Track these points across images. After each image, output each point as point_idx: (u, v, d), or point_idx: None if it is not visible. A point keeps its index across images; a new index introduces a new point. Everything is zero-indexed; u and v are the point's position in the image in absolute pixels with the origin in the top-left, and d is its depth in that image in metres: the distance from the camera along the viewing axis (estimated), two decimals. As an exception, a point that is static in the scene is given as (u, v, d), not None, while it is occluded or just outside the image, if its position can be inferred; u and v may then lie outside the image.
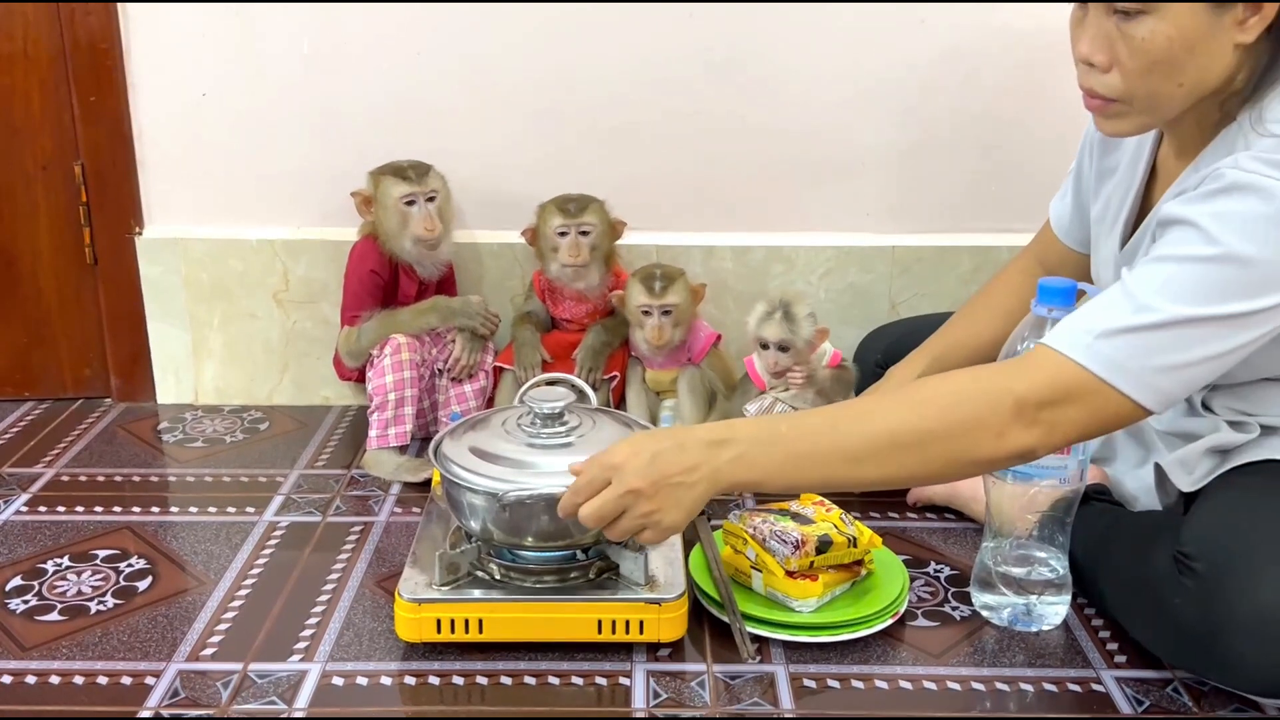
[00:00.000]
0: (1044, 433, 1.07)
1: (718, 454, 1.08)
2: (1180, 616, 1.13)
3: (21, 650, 1.24)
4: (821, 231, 1.87)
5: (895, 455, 1.08)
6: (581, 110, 1.81)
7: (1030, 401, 1.05)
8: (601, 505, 1.09)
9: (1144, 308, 1.05)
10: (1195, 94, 1.12)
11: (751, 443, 1.09)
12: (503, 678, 1.20)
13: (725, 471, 1.09)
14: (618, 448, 1.10)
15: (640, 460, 1.08)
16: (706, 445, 1.08)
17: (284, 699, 1.16)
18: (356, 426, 1.83)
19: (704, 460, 1.08)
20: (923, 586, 1.38)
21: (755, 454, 1.08)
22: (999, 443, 1.06)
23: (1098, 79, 1.14)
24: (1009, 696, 1.18)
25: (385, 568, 1.41)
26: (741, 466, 1.08)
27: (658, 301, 1.65)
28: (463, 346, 1.73)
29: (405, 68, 1.78)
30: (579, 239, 1.69)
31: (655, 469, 1.08)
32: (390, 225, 1.69)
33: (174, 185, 1.85)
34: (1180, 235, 1.08)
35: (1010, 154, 1.83)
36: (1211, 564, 1.10)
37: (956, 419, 1.07)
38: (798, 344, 1.57)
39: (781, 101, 1.80)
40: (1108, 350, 1.05)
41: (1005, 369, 1.11)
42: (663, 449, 1.08)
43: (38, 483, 1.64)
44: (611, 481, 1.09)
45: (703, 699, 1.17)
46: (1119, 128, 1.18)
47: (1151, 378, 1.05)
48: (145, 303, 1.88)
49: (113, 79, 1.78)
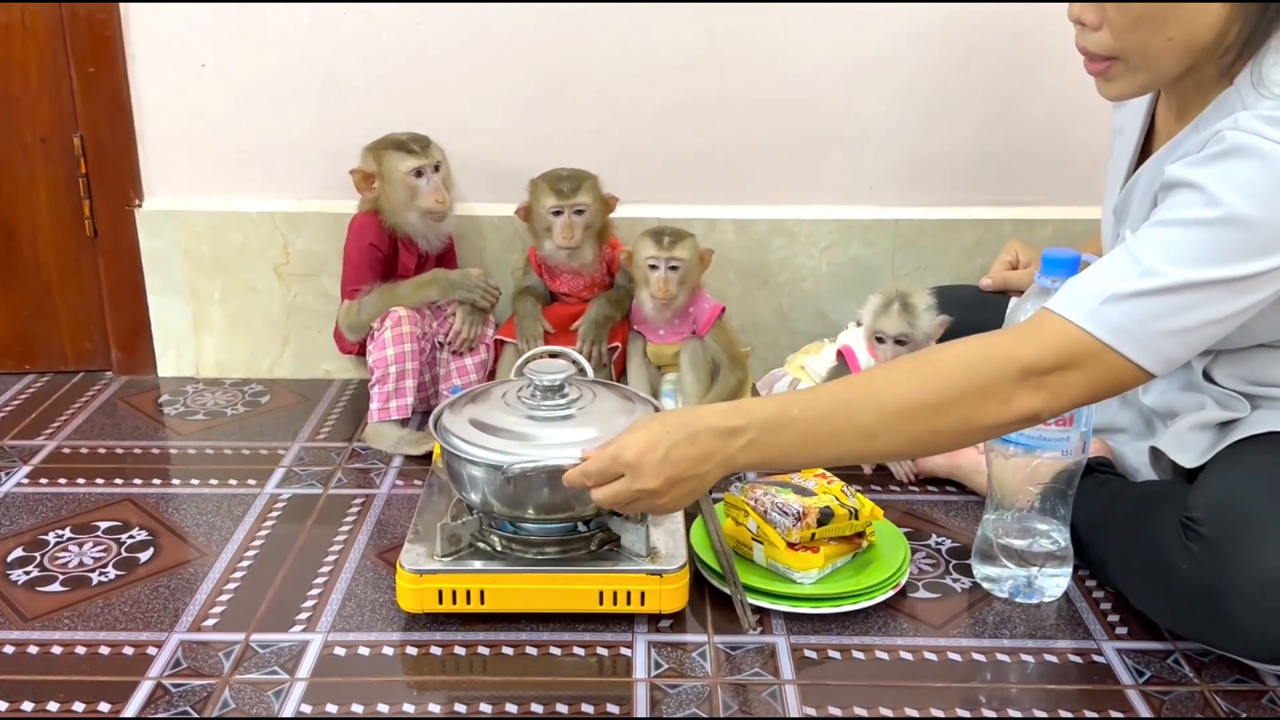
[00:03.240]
0: (1049, 397, 1.07)
1: (730, 442, 1.08)
2: (1185, 582, 1.13)
3: (24, 621, 1.25)
4: (824, 205, 1.86)
5: (907, 428, 1.08)
6: (583, 81, 1.80)
7: (1036, 367, 1.06)
8: (614, 496, 1.10)
9: (1148, 272, 1.05)
10: (1187, 49, 1.12)
11: (763, 428, 1.08)
12: (504, 648, 1.20)
13: (738, 458, 1.09)
14: (631, 442, 1.09)
15: (653, 458, 1.07)
16: (718, 434, 1.08)
17: (286, 669, 1.17)
18: (357, 400, 1.83)
19: (716, 449, 1.08)
20: (924, 558, 1.38)
21: (768, 439, 1.08)
22: (1005, 409, 1.07)
23: (1090, 38, 1.15)
24: (1010, 667, 1.18)
25: (387, 540, 1.42)
26: (754, 452, 1.08)
27: (666, 254, 1.64)
28: (463, 319, 1.72)
29: (405, 39, 1.77)
30: (573, 219, 1.68)
31: (668, 466, 1.07)
32: (397, 199, 1.68)
33: (174, 157, 1.84)
34: (1183, 198, 1.08)
35: (1014, 126, 1.82)
36: (1218, 529, 1.11)
37: (965, 387, 1.07)
38: (917, 337, 1.51)
39: (784, 73, 1.79)
40: (1113, 315, 1.05)
41: (1010, 336, 1.11)
42: (675, 442, 1.08)
43: (39, 455, 1.64)
44: (624, 476, 1.09)
45: (704, 669, 1.17)
46: (1119, 89, 1.18)
47: (1156, 342, 1.05)
48: (145, 275, 1.87)
49: (111, 50, 1.77)
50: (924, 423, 1.08)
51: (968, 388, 1.07)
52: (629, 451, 1.08)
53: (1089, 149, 1.77)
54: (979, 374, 1.07)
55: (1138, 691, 1.15)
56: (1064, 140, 1.82)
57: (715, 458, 1.08)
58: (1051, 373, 1.06)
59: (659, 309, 1.68)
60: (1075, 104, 1.79)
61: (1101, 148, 1.40)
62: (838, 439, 1.10)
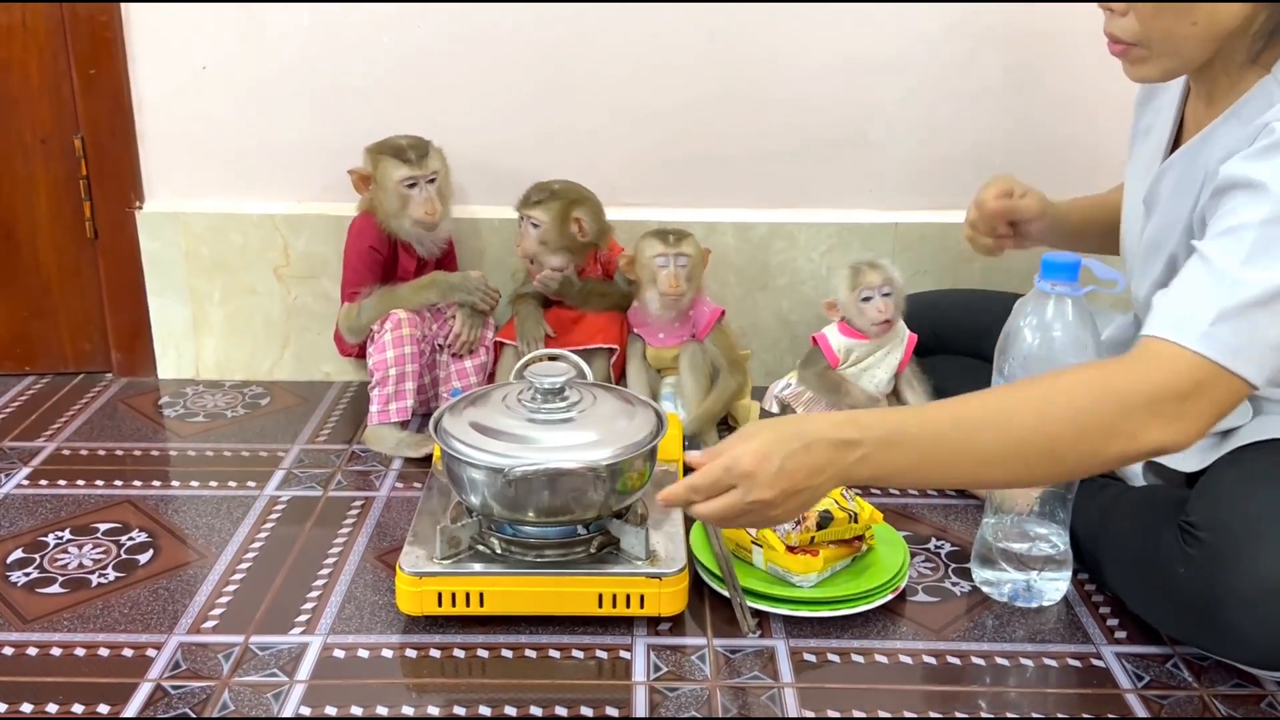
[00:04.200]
0: (1182, 427, 1.04)
1: (845, 455, 1.05)
2: (1184, 588, 1.13)
3: (23, 622, 1.25)
4: (823, 208, 1.86)
5: (1026, 461, 1.06)
6: (583, 83, 1.80)
7: (1162, 399, 1.03)
8: (725, 509, 1.06)
9: (1237, 283, 1.03)
10: (1212, 35, 1.12)
11: (880, 444, 1.05)
12: (503, 651, 1.20)
13: (851, 472, 1.06)
14: (744, 452, 1.05)
15: (770, 468, 1.04)
16: (834, 446, 1.05)
17: (285, 671, 1.17)
18: (357, 402, 1.83)
19: (831, 462, 1.05)
20: (923, 562, 1.38)
21: (883, 456, 1.05)
22: (1133, 443, 1.04)
23: (1116, 23, 1.16)
24: (1008, 671, 1.18)
25: (386, 542, 1.42)
26: (868, 467, 1.05)
27: (673, 250, 1.65)
28: (463, 322, 1.72)
29: (405, 41, 1.77)
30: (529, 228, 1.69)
31: (784, 477, 1.04)
32: (390, 206, 1.68)
33: (174, 159, 1.84)
34: (1246, 199, 1.06)
35: (1014, 130, 1.82)
36: (1217, 534, 1.11)
37: (1089, 424, 1.04)
38: (898, 282, 1.59)
39: (784, 76, 1.79)
40: (1224, 335, 1.02)
41: (1124, 369, 1.07)
42: (790, 452, 1.04)
43: (39, 456, 1.64)
44: (738, 487, 1.05)
45: (703, 672, 1.17)
46: (1144, 73, 1.18)
47: (1264, 355, 1.03)
48: (146, 277, 1.87)
49: (112, 51, 1.77)
50: (1045, 459, 1.06)
51: (1092, 425, 1.04)
52: (744, 461, 1.04)
53: (1090, 154, 1.78)
54: (1104, 411, 1.04)
55: (1137, 696, 1.15)
56: (1065, 145, 1.82)
57: (829, 470, 1.05)
58: (1178, 402, 1.03)
59: (667, 307, 1.67)
60: (1076, 108, 1.80)
61: (1102, 152, 1.41)
62: (954, 462, 1.07)
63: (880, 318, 1.58)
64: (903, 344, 1.62)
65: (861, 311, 1.59)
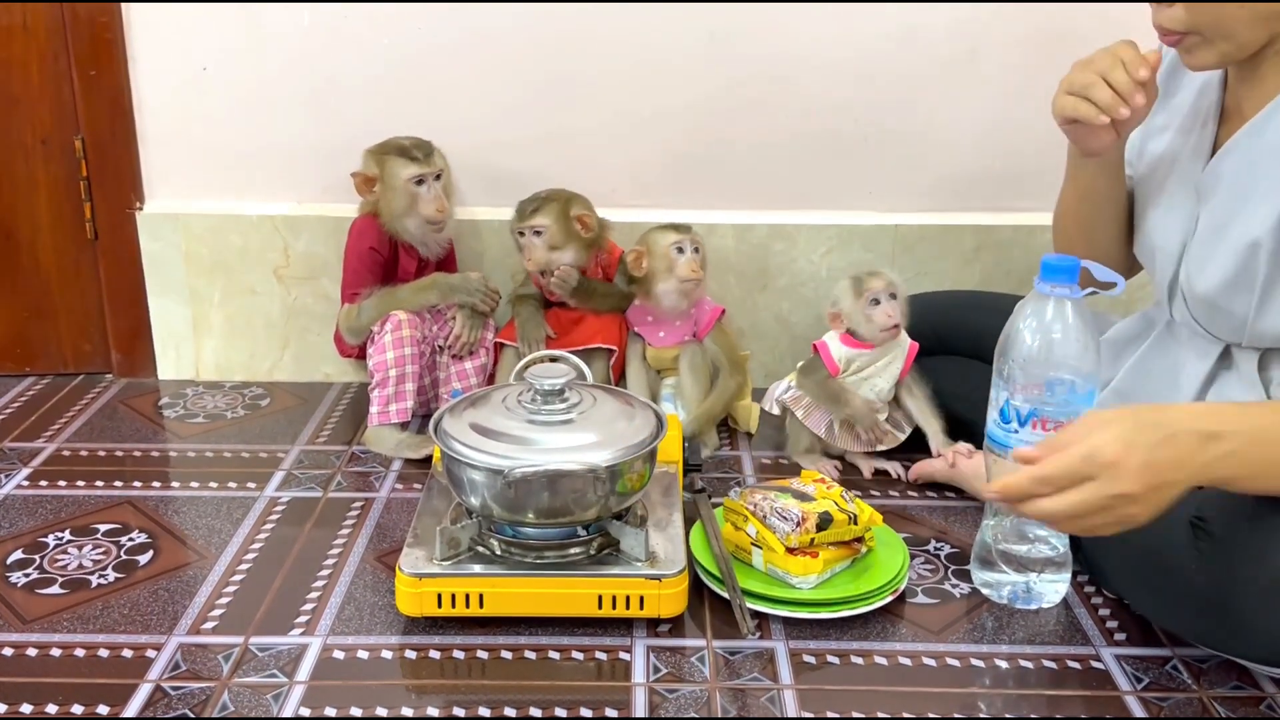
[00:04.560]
0: None
1: (1209, 448, 0.99)
2: (1194, 584, 1.12)
3: (23, 623, 1.25)
4: (823, 209, 1.86)
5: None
6: (583, 84, 1.80)
7: None
8: (1082, 503, 0.99)
9: None
10: (1263, 16, 1.12)
11: (1248, 439, 1.00)
12: (503, 652, 1.20)
13: (1213, 468, 1.00)
14: (1105, 440, 0.98)
15: (1136, 459, 0.97)
16: (1199, 438, 0.99)
17: (285, 672, 1.17)
18: (357, 403, 1.83)
19: (1194, 454, 0.99)
20: (923, 564, 1.38)
21: (1250, 452, 1.00)
22: None
23: (1165, 14, 1.15)
24: (1008, 673, 1.18)
25: (386, 543, 1.42)
26: (1234, 464, 1.00)
27: (689, 236, 1.66)
28: (463, 323, 1.72)
29: (405, 42, 1.78)
30: (533, 239, 1.69)
31: (1151, 471, 0.98)
32: (397, 206, 1.68)
33: (174, 160, 1.84)
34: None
35: (1014, 132, 1.82)
36: (1229, 527, 1.10)
37: None
38: (900, 286, 1.59)
39: (784, 77, 1.79)
40: None
41: None
42: (1155, 442, 0.98)
43: (39, 457, 1.64)
44: (1097, 479, 0.98)
45: (703, 674, 1.17)
46: (1200, 60, 1.17)
47: None
48: (146, 278, 1.87)
49: (113, 52, 1.77)
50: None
51: None
52: (1107, 451, 0.97)
53: (1089, 155, 1.77)
54: None
55: (1136, 698, 1.15)
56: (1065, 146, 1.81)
57: (1191, 465, 0.99)
58: None
59: (685, 294, 1.67)
60: (1075, 110, 1.79)
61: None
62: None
63: (889, 322, 1.56)
64: (904, 353, 1.61)
65: (869, 317, 1.57)
